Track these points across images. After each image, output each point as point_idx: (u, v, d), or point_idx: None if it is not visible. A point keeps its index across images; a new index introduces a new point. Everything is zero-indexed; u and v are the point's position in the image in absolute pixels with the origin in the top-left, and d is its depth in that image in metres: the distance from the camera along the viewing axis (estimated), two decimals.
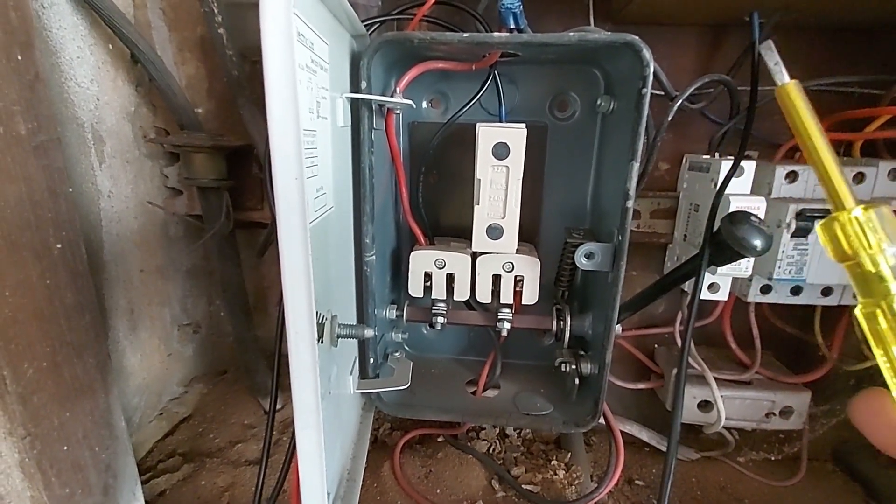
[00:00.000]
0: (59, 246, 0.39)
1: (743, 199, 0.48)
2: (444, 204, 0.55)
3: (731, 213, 0.38)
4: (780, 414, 0.58)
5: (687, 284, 0.52)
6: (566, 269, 0.50)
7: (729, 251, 0.38)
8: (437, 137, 0.50)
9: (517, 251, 0.46)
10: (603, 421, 0.49)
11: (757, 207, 0.47)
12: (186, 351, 0.73)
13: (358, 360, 0.47)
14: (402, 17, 0.48)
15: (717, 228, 0.39)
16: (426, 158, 0.51)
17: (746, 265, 0.50)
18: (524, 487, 0.57)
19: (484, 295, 0.48)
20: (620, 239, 0.40)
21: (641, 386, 0.65)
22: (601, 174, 0.50)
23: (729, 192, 0.48)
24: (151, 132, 0.62)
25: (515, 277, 0.47)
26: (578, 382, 0.49)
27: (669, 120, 0.51)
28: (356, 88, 0.40)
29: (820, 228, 0.23)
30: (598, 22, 0.54)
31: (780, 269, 0.50)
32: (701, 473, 0.62)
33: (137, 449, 0.59)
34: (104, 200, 0.55)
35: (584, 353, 0.49)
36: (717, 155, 0.54)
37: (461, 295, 0.48)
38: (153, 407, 0.65)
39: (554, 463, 0.61)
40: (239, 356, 0.71)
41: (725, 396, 0.57)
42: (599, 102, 0.46)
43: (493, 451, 0.64)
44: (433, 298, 0.49)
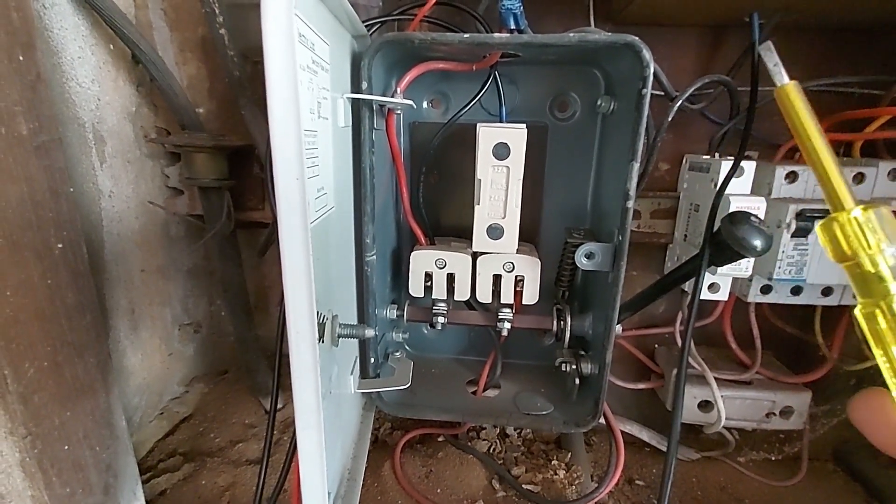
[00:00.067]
0: (60, 246, 0.39)
1: (743, 199, 0.48)
2: (444, 204, 0.55)
3: (731, 213, 0.38)
4: (780, 414, 0.58)
5: (687, 284, 0.52)
6: (566, 269, 0.51)
7: (729, 251, 0.38)
8: (437, 137, 0.50)
9: (517, 251, 0.46)
10: (603, 421, 0.49)
11: (757, 208, 0.47)
12: (187, 351, 0.73)
13: (359, 359, 0.47)
14: (402, 17, 0.48)
15: (717, 228, 0.39)
16: (427, 158, 0.51)
17: (746, 265, 0.50)
18: (524, 487, 0.57)
19: (484, 295, 0.48)
20: (621, 239, 0.40)
21: (642, 386, 0.65)
22: (601, 174, 0.50)
23: (729, 192, 0.49)
24: (152, 132, 0.62)
25: (516, 277, 0.47)
26: (579, 382, 0.49)
27: (669, 120, 0.51)
28: (357, 89, 0.40)
29: (819, 229, 0.23)
30: (598, 23, 0.54)
31: (780, 269, 0.50)
32: (701, 473, 0.62)
33: (138, 448, 0.59)
34: (105, 200, 0.55)
35: (584, 352, 0.49)
36: (717, 155, 0.54)
37: (462, 295, 0.48)
38: (154, 406, 0.66)
39: (554, 463, 0.61)
40: (240, 356, 0.71)
41: (726, 396, 0.57)
42: (600, 103, 0.46)
43: (493, 450, 0.64)
44: (434, 298, 0.49)
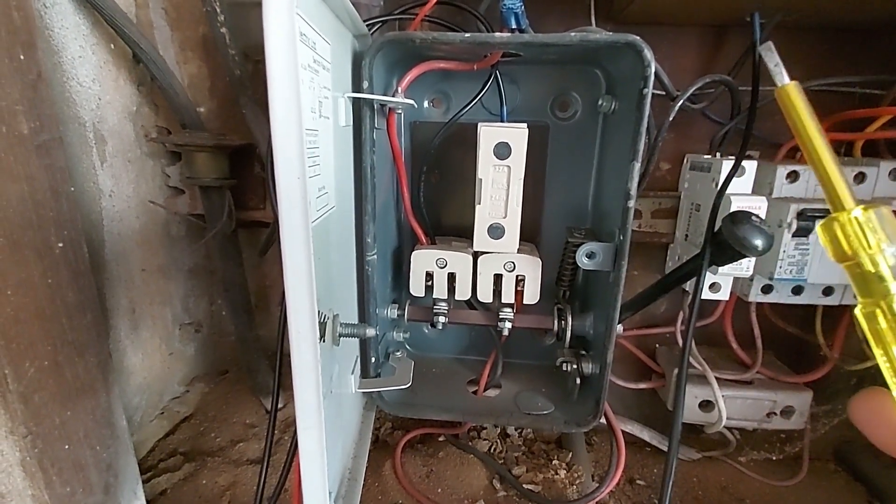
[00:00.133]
0: (60, 245, 0.39)
1: (744, 198, 0.48)
2: (445, 203, 0.55)
3: (732, 212, 0.38)
4: (781, 413, 0.58)
5: (688, 284, 0.52)
6: (567, 268, 0.50)
7: (730, 251, 0.38)
8: (438, 137, 0.50)
9: (518, 251, 0.45)
10: (604, 420, 0.49)
11: (758, 207, 0.47)
12: (188, 350, 0.73)
13: (359, 359, 0.47)
14: (403, 16, 0.48)
15: (718, 228, 0.39)
16: (428, 158, 0.51)
17: (747, 265, 0.50)
18: (525, 487, 0.57)
19: (485, 294, 0.48)
20: (622, 239, 0.40)
21: (643, 386, 0.65)
22: (602, 174, 0.50)
23: (730, 191, 0.48)
24: (153, 131, 0.62)
25: (517, 277, 0.47)
26: (580, 382, 0.49)
27: (671, 120, 0.51)
28: (358, 88, 0.40)
29: (820, 229, 0.23)
30: (599, 22, 0.54)
31: (781, 268, 0.50)
32: (702, 473, 0.62)
33: (138, 448, 0.59)
34: (106, 200, 0.55)
35: (585, 352, 0.49)
36: (718, 155, 0.54)
37: (462, 294, 0.48)
38: (154, 406, 0.66)
39: (555, 462, 0.61)
40: (240, 355, 0.71)
41: (727, 396, 0.57)
42: (601, 102, 0.46)
43: (494, 450, 0.64)
44: (434, 298, 0.49)
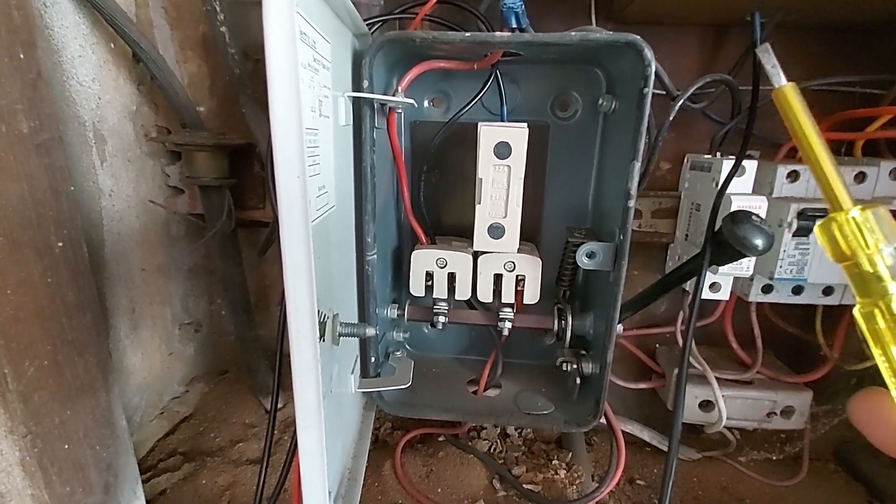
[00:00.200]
0: (60, 244, 0.39)
1: (744, 198, 0.48)
2: (445, 203, 0.55)
3: (732, 212, 0.38)
4: (781, 413, 0.58)
5: (688, 284, 0.52)
6: (567, 268, 0.50)
7: (730, 251, 0.38)
8: (438, 136, 0.50)
9: (518, 250, 0.45)
10: (604, 420, 0.48)
11: (758, 207, 0.47)
12: (187, 350, 0.73)
13: (359, 359, 0.47)
14: (404, 16, 0.48)
15: (718, 228, 0.39)
16: (428, 157, 0.51)
17: (748, 265, 0.50)
18: (525, 487, 0.57)
19: (485, 294, 0.48)
20: (622, 238, 0.40)
21: (643, 386, 0.65)
22: (603, 174, 0.50)
23: (730, 191, 0.48)
24: (153, 131, 0.62)
25: (517, 277, 0.47)
26: (580, 382, 0.49)
27: (671, 119, 0.51)
28: (358, 87, 0.40)
29: (818, 229, 0.23)
30: (599, 22, 0.54)
31: (781, 268, 0.50)
32: (702, 473, 0.62)
33: (138, 448, 0.59)
34: (105, 199, 0.55)
35: (585, 352, 0.49)
36: (718, 154, 0.54)
37: (462, 294, 0.48)
38: (154, 406, 0.66)
39: (555, 462, 0.61)
40: (240, 355, 0.71)
41: (727, 396, 0.57)
42: (601, 102, 0.46)
43: (494, 450, 0.64)
44: (434, 298, 0.49)
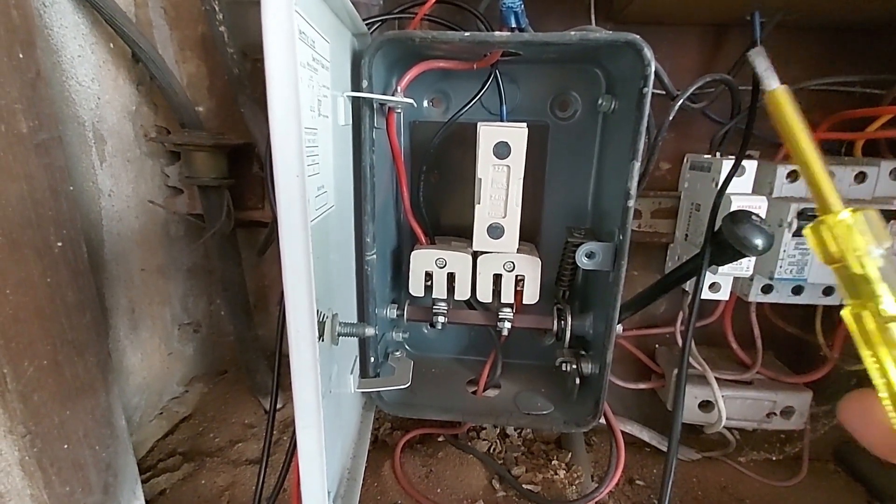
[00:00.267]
0: (59, 244, 0.39)
1: (744, 198, 0.48)
2: (444, 203, 0.55)
3: (732, 212, 0.38)
4: (781, 414, 0.58)
5: (688, 284, 0.52)
6: (567, 268, 0.50)
7: (730, 251, 0.38)
8: (438, 136, 0.50)
9: (518, 250, 0.45)
10: (604, 421, 0.48)
11: (758, 207, 0.47)
12: (187, 350, 0.73)
13: (358, 359, 0.47)
14: (403, 16, 0.48)
15: (718, 228, 0.39)
16: (427, 157, 0.51)
17: (747, 265, 0.50)
18: (525, 487, 0.57)
19: (485, 294, 0.48)
20: (621, 238, 0.40)
21: (642, 386, 0.65)
22: (602, 174, 0.50)
23: (730, 191, 0.48)
24: (152, 131, 0.62)
25: (516, 277, 0.47)
26: (579, 382, 0.49)
27: (671, 119, 0.51)
28: (357, 87, 0.40)
29: (808, 231, 0.23)
30: (599, 21, 0.54)
31: (781, 268, 0.50)
32: (702, 473, 0.62)
33: (138, 448, 0.59)
34: (105, 199, 0.55)
35: (584, 352, 0.49)
36: (718, 154, 0.54)
37: (462, 294, 0.48)
38: (153, 406, 0.65)
39: (555, 463, 0.61)
40: (239, 355, 0.71)
41: (726, 396, 0.57)
42: (601, 102, 0.46)
43: (493, 450, 0.64)
44: (434, 298, 0.49)
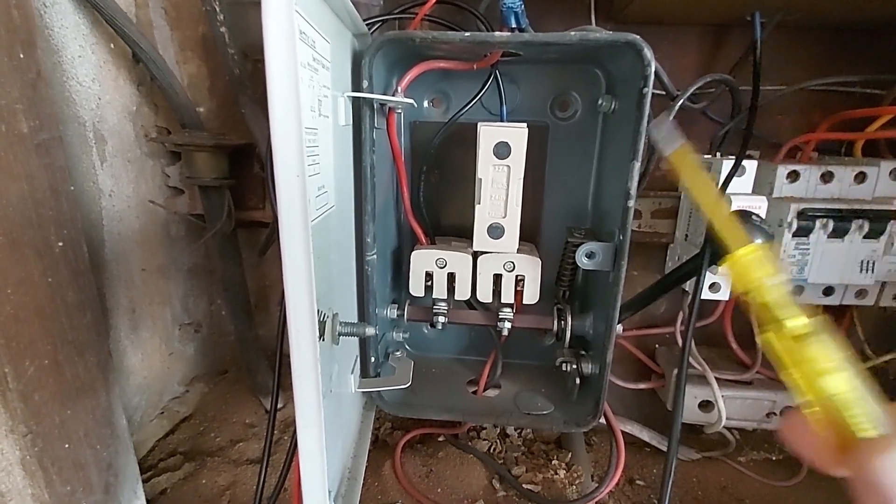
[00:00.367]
0: (60, 244, 0.39)
1: (744, 198, 0.48)
2: (445, 203, 0.55)
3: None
4: (781, 414, 0.58)
5: (688, 284, 0.52)
6: (567, 268, 0.50)
7: None
8: (438, 137, 0.50)
9: (518, 250, 0.45)
10: (604, 421, 0.49)
11: (758, 207, 0.47)
12: (188, 350, 0.73)
13: (359, 359, 0.47)
14: (403, 16, 0.48)
15: None
16: (427, 158, 0.51)
17: None
18: (525, 487, 0.57)
19: (485, 294, 0.48)
20: (621, 238, 0.40)
21: (642, 386, 0.65)
22: (602, 174, 0.50)
23: (730, 191, 0.48)
24: (153, 131, 0.62)
25: (516, 277, 0.47)
26: (579, 382, 0.49)
27: (671, 119, 0.51)
28: (358, 87, 0.40)
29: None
30: (599, 22, 0.54)
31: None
32: (702, 473, 0.62)
33: (138, 447, 0.59)
34: (105, 199, 0.55)
35: (584, 352, 0.49)
36: (718, 154, 0.53)
37: (462, 294, 0.48)
38: (154, 406, 0.66)
39: (555, 462, 0.61)
40: (240, 355, 0.71)
41: (726, 396, 0.57)
42: (601, 102, 0.46)
43: (493, 450, 0.64)
44: (434, 298, 0.49)
